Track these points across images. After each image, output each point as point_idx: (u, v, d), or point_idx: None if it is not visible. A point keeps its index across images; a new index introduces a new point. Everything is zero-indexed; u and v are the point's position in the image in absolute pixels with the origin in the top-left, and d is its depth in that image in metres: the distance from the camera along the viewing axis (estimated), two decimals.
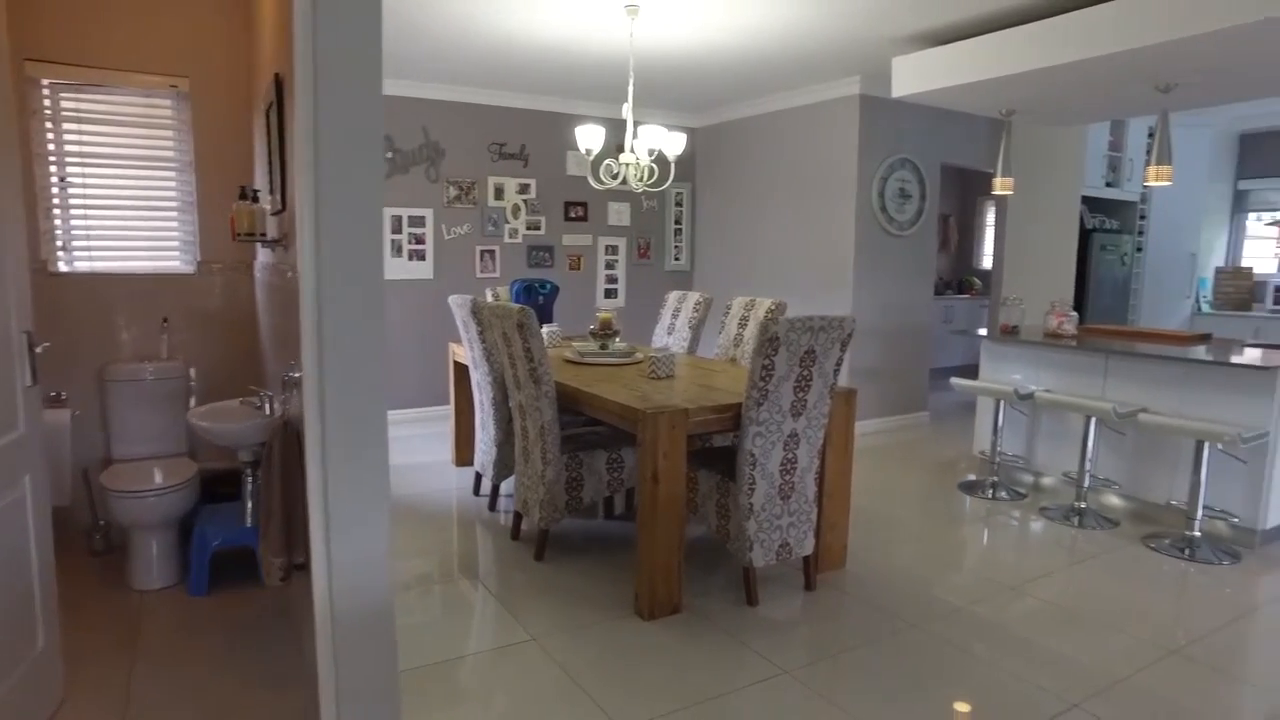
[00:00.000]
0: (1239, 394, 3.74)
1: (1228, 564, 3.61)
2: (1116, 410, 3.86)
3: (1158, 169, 4.26)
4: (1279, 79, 4.21)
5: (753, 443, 2.90)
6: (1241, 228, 7.44)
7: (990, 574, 3.45)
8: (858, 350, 5.86)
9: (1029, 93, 4.48)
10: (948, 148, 6.25)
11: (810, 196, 6.06)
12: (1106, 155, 6.46)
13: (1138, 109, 5.02)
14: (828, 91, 5.80)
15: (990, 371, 4.79)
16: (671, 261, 7.25)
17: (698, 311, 4.47)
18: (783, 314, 3.97)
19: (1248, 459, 3.73)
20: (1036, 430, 4.62)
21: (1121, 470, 4.24)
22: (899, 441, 5.82)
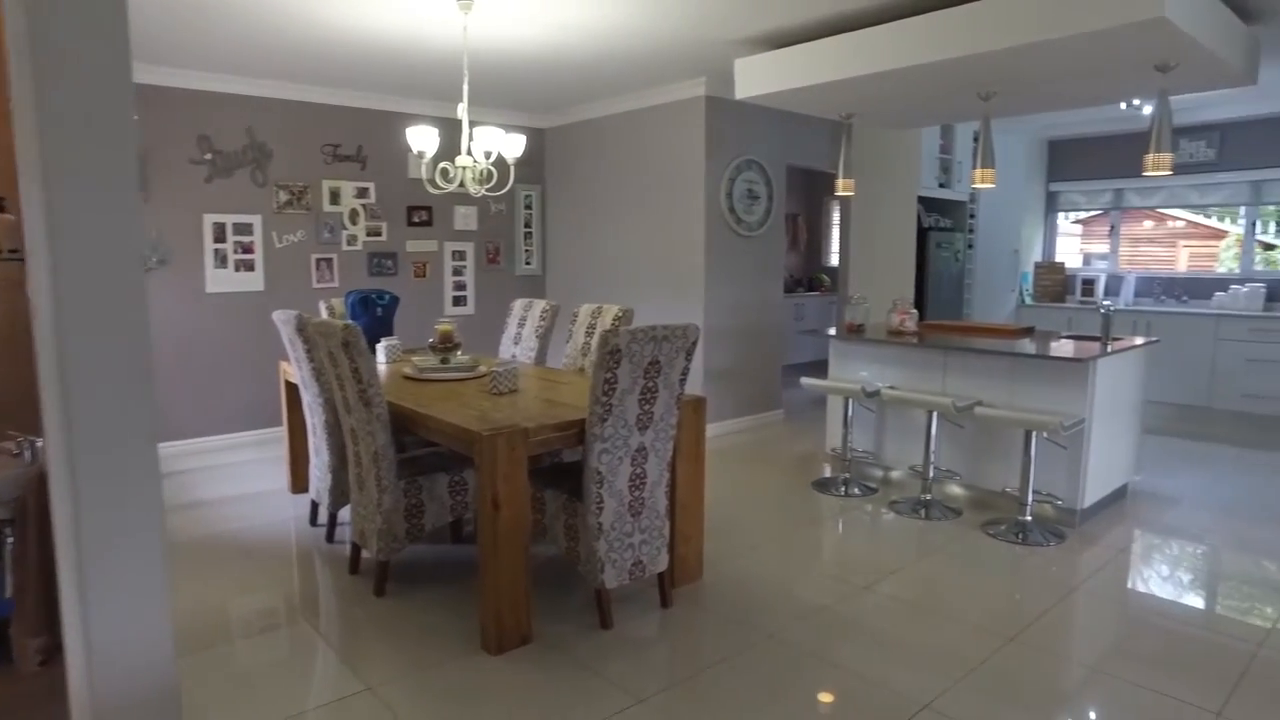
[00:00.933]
0: (1059, 384, 3.94)
1: (1054, 545, 3.80)
2: (955, 405, 3.99)
3: (982, 172, 4.45)
4: (1079, 94, 4.50)
5: (598, 460, 2.77)
6: (1054, 226, 8.01)
7: (845, 573, 3.48)
8: (710, 352, 5.87)
9: (866, 96, 4.58)
10: (793, 149, 6.37)
11: (660, 198, 6.02)
12: (938, 158, 6.77)
13: (964, 115, 5.26)
14: (674, 93, 5.77)
15: (839, 370, 4.89)
16: (522, 266, 7.04)
17: (544, 320, 4.30)
18: (629, 321, 3.87)
19: (1068, 445, 3.94)
20: (884, 426, 4.74)
21: (962, 461, 4.40)
22: (754, 441, 5.87)
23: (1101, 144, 7.52)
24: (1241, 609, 3.20)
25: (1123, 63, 3.75)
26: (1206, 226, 7.36)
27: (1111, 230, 7.70)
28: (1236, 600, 3.29)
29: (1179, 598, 3.30)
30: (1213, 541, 3.95)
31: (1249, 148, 6.75)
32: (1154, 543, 3.91)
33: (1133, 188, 7.44)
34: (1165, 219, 7.50)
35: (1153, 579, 3.48)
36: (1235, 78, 4.14)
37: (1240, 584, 3.46)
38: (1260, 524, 4.14)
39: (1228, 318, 6.46)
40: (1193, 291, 7.11)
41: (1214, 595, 3.36)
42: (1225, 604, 3.26)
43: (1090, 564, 3.59)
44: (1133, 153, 7.25)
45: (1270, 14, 4.06)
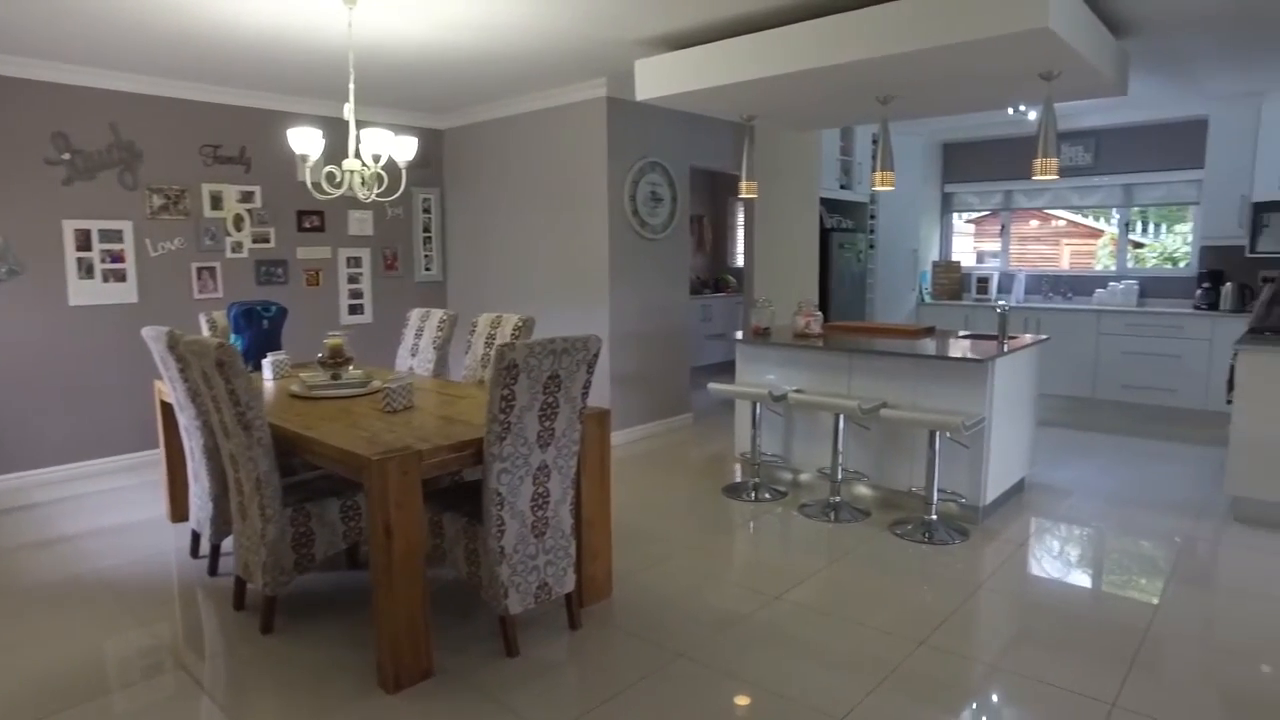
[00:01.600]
0: (960, 384, 4.02)
1: (959, 543, 3.86)
2: (861, 407, 4.01)
3: (882, 175, 4.50)
4: (971, 99, 4.61)
5: (498, 480, 2.63)
6: (950, 226, 8.27)
7: (757, 582, 3.43)
8: (617, 357, 5.78)
9: (766, 98, 4.57)
10: (697, 151, 6.34)
11: (563, 201, 5.89)
12: (839, 159, 6.87)
13: (863, 118, 5.33)
14: (575, 94, 5.65)
15: (746, 373, 4.87)
16: (422, 272, 6.79)
17: (442, 330, 4.12)
18: (529, 331, 3.73)
19: (970, 445, 4.02)
20: (792, 429, 4.75)
21: (869, 462, 4.44)
22: (664, 446, 5.81)
23: (992, 147, 7.80)
24: (1132, 590, 3.31)
25: (1011, 70, 3.84)
26: (1086, 226, 7.73)
27: (1002, 230, 7.99)
28: (1126, 582, 3.40)
29: (1076, 586, 3.39)
30: (1103, 529, 4.09)
31: (1121, 153, 7.11)
32: (1051, 535, 4.02)
33: (1021, 189, 7.74)
34: (1050, 219, 7.84)
35: (1051, 570, 3.57)
36: (1109, 88, 4.31)
37: (1129, 566, 3.59)
38: (1143, 509, 4.32)
39: (1107, 313, 6.78)
40: (1076, 288, 7.45)
41: (1106, 579, 3.46)
42: (1117, 587, 3.37)
43: (993, 560, 3.66)
44: (1020, 156, 7.56)
45: (1136, 29, 4.24)
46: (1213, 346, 6.30)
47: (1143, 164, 7.03)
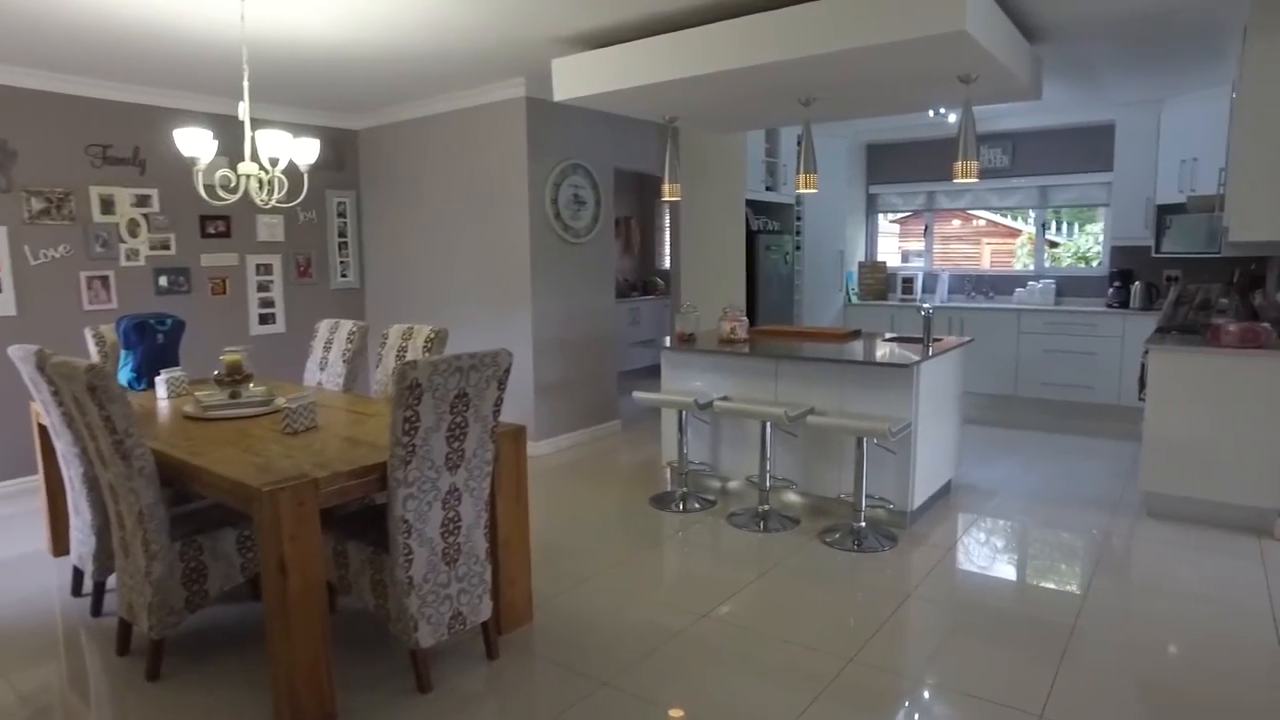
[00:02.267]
0: (887, 388, 3.99)
1: (889, 549, 3.83)
2: (788, 414, 3.94)
3: (805, 177, 4.45)
4: (892, 101, 4.60)
5: (404, 507, 2.46)
6: (875, 226, 8.34)
7: (685, 599, 3.32)
8: (541, 365, 5.62)
9: (688, 99, 4.48)
10: (621, 152, 6.22)
11: (483, 205, 5.70)
12: (764, 161, 6.84)
13: (786, 119, 5.29)
14: (493, 93, 5.47)
15: (672, 380, 4.77)
16: (338, 279, 6.50)
17: (352, 342, 3.90)
18: (442, 343, 3.55)
19: (897, 450, 4.00)
20: (720, 436, 4.66)
21: (798, 469, 4.39)
22: (591, 455, 5.67)
23: (915, 149, 7.89)
24: (1056, 590, 3.32)
25: (929, 73, 3.82)
26: (1005, 225, 7.89)
27: (926, 230, 8.10)
28: (1051, 583, 3.41)
29: (1002, 590, 3.37)
30: (1027, 529, 4.12)
31: (1037, 156, 7.27)
32: (977, 538, 4.02)
33: (943, 190, 7.85)
34: (971, 218, 7.97)
35: (978, 575, 3.56)
36: (1024, 91, 4.35)
37: (1053, 568, 3.60)
38: (1064, 507, 4.38)
39: (1027, 312, 6.92)
40: (998, 288, 7.59)
41: (1031, 582, 3.46)
42: (1042, 588, 3.37)
43: (922, 566, 3.64)
44: (942, 158, 7.64)
45: (1049, 35, 4.29)
46: (1124, 343, 6.48)
47: (1057, 166, 7.21)
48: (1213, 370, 4.04)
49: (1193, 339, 4.35)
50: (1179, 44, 4.65)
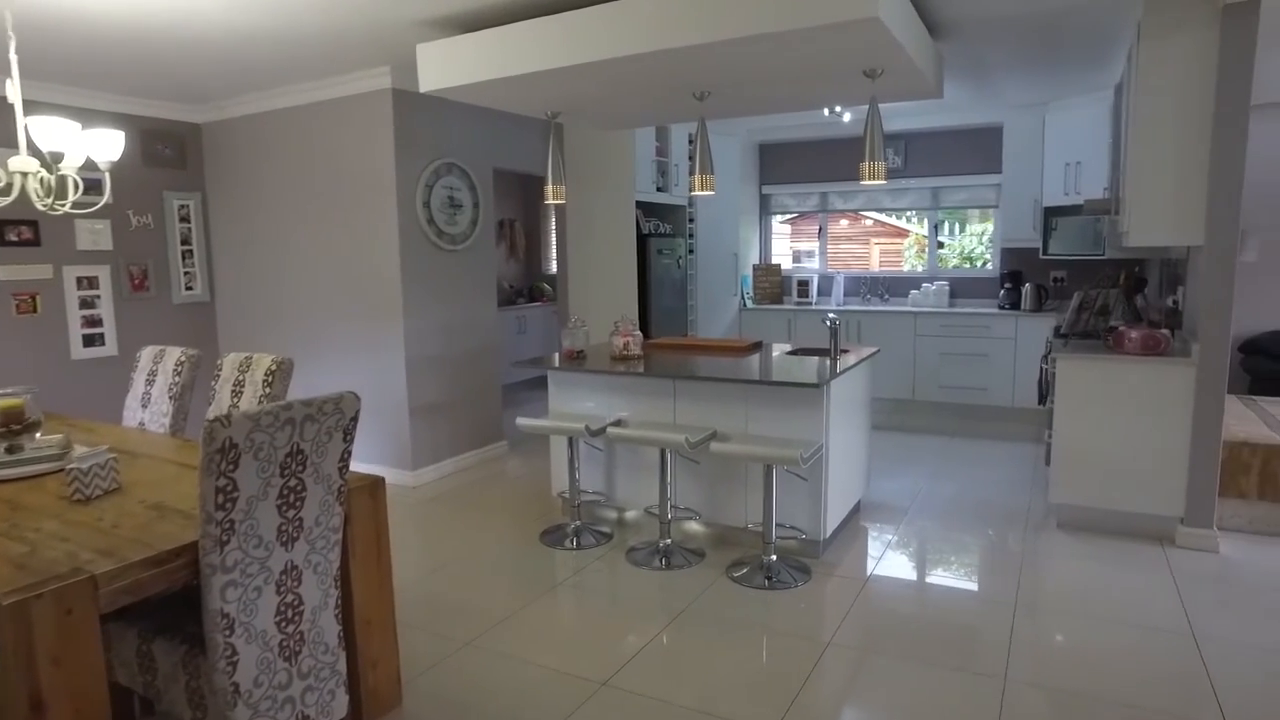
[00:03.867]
0: (795, 408, 3.69)
1: (802, 584, 3.53)
2: (689, 441, 3.58)
3: (702, 178, 4.11)
4: (792, 97, 4.32)
5: (223, 598, 1.93)
6: (769, 228, 8.15)
7: (581, 662, 2.90)
8: (416, 385, 5.08)
9: (570, 93, 4.05)
10: (502, 151, 5.73)
11: (348, 209, 5.10)
12: (655, 160, 6.49)
13: (679, 115, 4.94)
14: (356, 84, 4.88)
15: (560, 402, 4.33)
16: (182, 292, 5.73)
17: (180, 374, 3.28)
18: (287, 375, 3.00)
19: (808, 476, 3.70)
20: (615, 463, 4.26)
21: (701, 497, 4.03)
22: (474, 483, 5.16)
23: (808, 149, 7.72)
24: (982, 619, 3.08)
25: (835, 66, 3.54)
26: (892, 226, 7.84)
27: (820, 232, 7.95)
28: (976, 610, 3.17)
29: (927, 622, 3.11)
30: (942, 550, 3.92)
31: (929, 157, 7.22)
32: (893, 563, 3.78)
33: (837, 191, 7.71)
34: (859, 218, 7.89)
35: (898, 608, 3.29)
36: (928, 89, 4.15)
37: (975, 590, 3.37)
38: (977, 523, 4.21)
39: (923, 315, 6.84)
40: (893, 290, 7.51)
41: (956, 609, 3.21)
42: (968, 618, 3.13)
43: (839, 603, 3.34)
44: (836, 158, 7.53)
45: (950, 32, 4.11)
46: (1017, 345, 6.48)
47: (949, 168, 7.17)
48: (1117, 378, 3.94)
49: (1095, 345, 4.26)
50: (1069, 48, 4.58)
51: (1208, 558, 3.76)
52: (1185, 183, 3.75)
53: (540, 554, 3.97)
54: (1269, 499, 4.05)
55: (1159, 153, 3.78)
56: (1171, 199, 3.78)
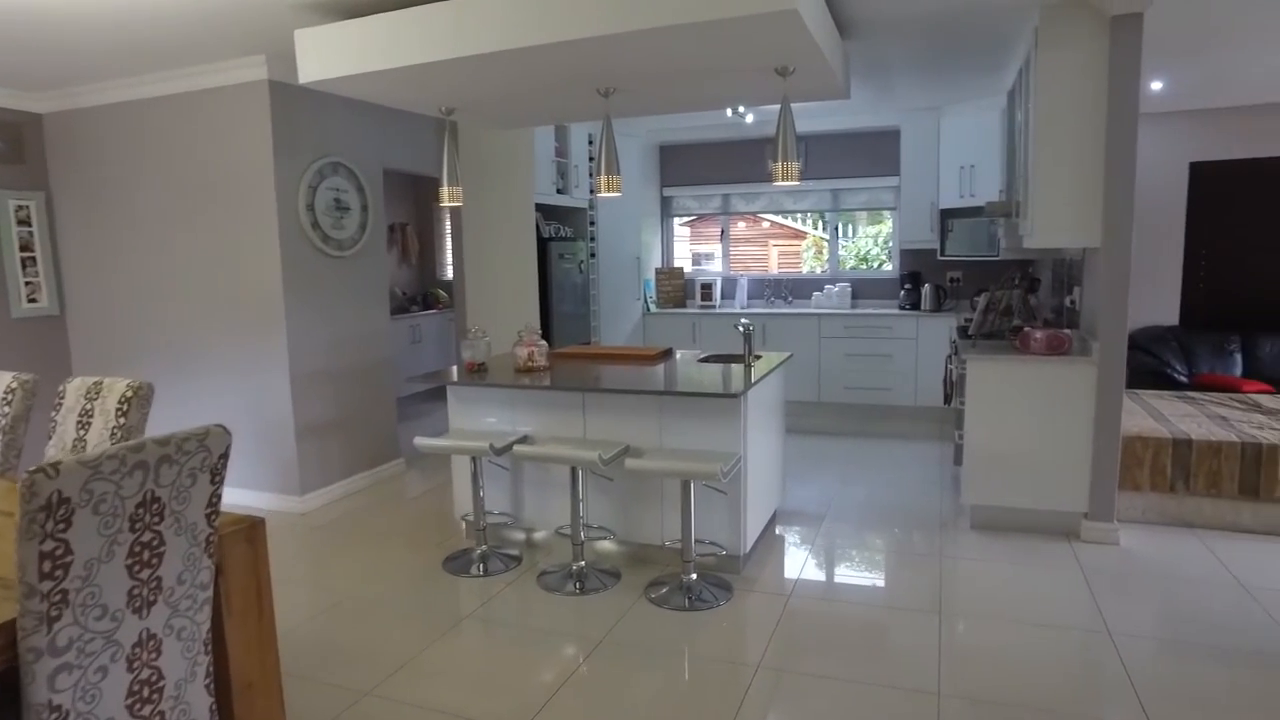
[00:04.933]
0: (711, 419, 3.53)
1: (724, 602, 3.37)
2: (601, 458, 3.37)
3: (607, 179, 3.91)
4: (701, 96, 4.17)
5: (51, 688, 1.59)
6: (671, 231, 8.03)
7: (495, 706, 2.64)
8: (302, 402, 4.68)
9: (463, 87, 3.77)
10: (393, 150, 5.37)
11: (221, 212, 4.64)
12: (554, 161, 6.25)
13: (583, 114, 4.72)
14: (227, 74, 4.44)
15: (461, 418, 4.04)
16: (23, 305, 5.09)
17: (10, 403, 2.83)
18: (145, 402, 2.62)
19: (728, 490, 3.55)
20: (523, 481, 4.01)
21: (615, 515, 3.83)
22: (370, 506, 4.80)
23: (709, 150, 7.64)
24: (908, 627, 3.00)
25: (748, 63, 3.40)
26: (790, 228, 7.86)
27: (722, 234, 7.89)
28: (901, 618, 3.09)
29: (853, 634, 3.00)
30: (862, 556, 3.86)
31: (829, 159, 7.25)
32: (815, 574, 3.68)
33: (739, 193, 7.66)
34: (757, 220, 7.87)
35: (823, 621, 3.17)
36: (837, 89, 4.08)
37: (898, 597, 3.30)
38: (893, 526, 4.17)
39: (827, 316, 6.86)
40: (796, 292, 7.51)
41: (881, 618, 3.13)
42: (894, 628, 3.04)
43: (763, 621, 3.20)
44: (738, 159, 7.47)
45: (857, 31, 4.06)
46: (918, 345, 6.57)
47: (848, 170, 7.22)
48: (1024, 378, 3.97)
49: (1002, 345, 4.30)
50: (966, 53, 4.63)
51: (1110, 550, 3.83)
52: (1082, 187, 3.81)
53: (444, 583, 3.67)
54: (1160, 490, 4.18)
55: (1058, 158, 3.83)
56: (1070, 203, 3.84)
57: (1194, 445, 4.11)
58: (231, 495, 4.79)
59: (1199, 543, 3.94)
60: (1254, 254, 6.24)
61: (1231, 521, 4.11)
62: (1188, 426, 4.31)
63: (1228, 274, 6.33)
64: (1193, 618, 3.16)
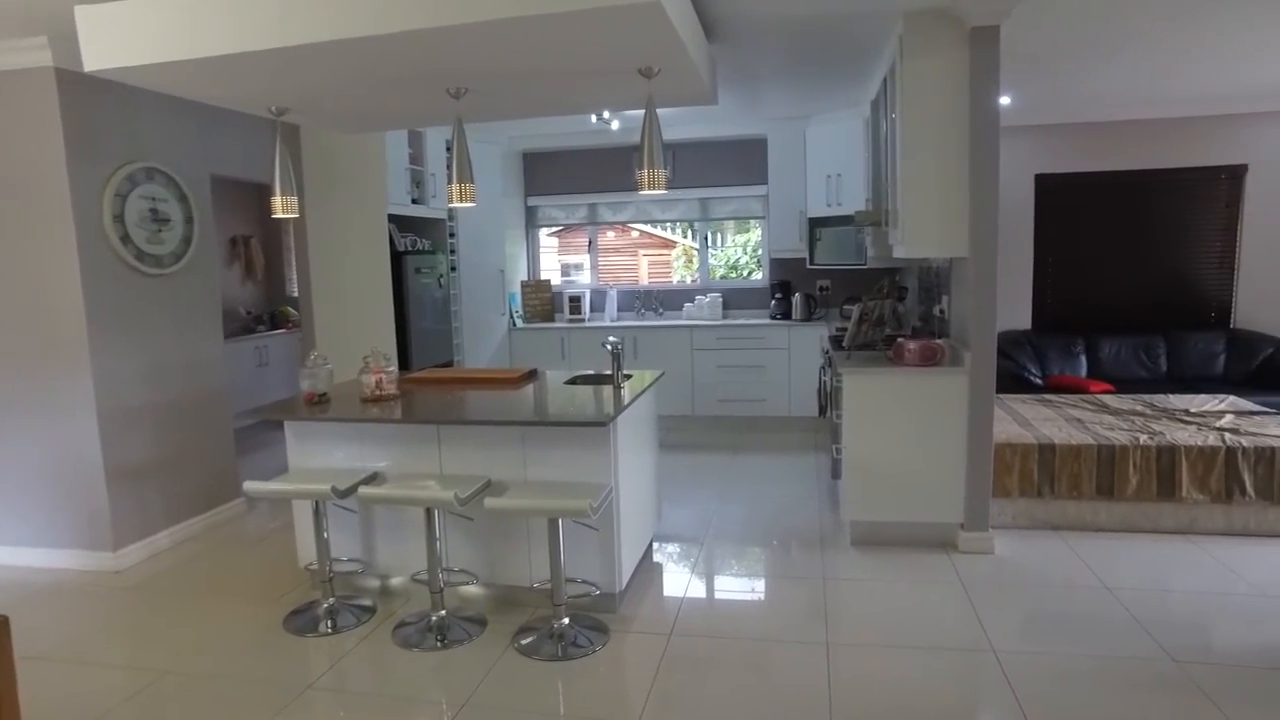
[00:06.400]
0: (579, 447, 3.25)
1: (600, 647, 3.10)
2: (458, 496, 3.03)
3: (461, 187, 3.57)
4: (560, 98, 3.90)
5: None
6: (536, 242, 7.71)
7: None
8: (115, 443, 4.08)
9: (292, 84, 3.34)
10: (222, 154, 4.82)
11: (3, 226, 3.97)
12: (409, 169, 5.82)
13: (433, 117, 4.36)
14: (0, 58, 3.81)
15: (302, 456, 3.59)
16: None
17: None
18: None
19: (600, 526, 3.28)
20: (374, 523, 3.60)
21: (478, 557, 3.48)
22: (202, 557, 4.23)
23: (575, 157, 7.38)
24: (797, 663, 2.82)
25: (609, 62, 3.16)
26: (659, 237, 7.73)
27: (590, 245, 7.64)
28: (788, 652, 2.91)
29: (740, 671, 2.79)
30: (744, 583, 3.70)
31: (697, 168, 7.14)
32: (696, 605, 3.46)
33: (606, 202, 7.43)
34: (626, 231, 7.69)
35: (708, 658, 2.95)
36: (704, 93, 3.90)
37: (783, 625, 3.12)
38: (773, 546, 4.03)
39: (699, 328, 6.73)
40: (666, 303, 7.35)
41: (768, 649, 2.93)
42: (781, 663, 2.85)
43: (643, 666, 2.95)
44: (604, 167, 7.25)
45: (723, 34, 3.91)
46: (790, 355, 6.54)
47: (716, 179, 7.14)
48: (900, 390, 3.92)
49: (876, 357, 4.25)
50: (833, 60, 4.59)
51: (986, 560, 3.83)
52: (949, 197, 3.80)
53: (287, 645, 3.22)
54: (1028, 495, 4.23)
55: (924, 168, 3.81)
56: (939, 213, 3.82)
57: (1057, 450, 4.18)
58: (22, 557, 4.13)
59: (1064, 545, 4.00)
60: (1094, 261, 6.58)
61: (1091, 521, 4.21)
62: (1050, 431, 4.39)
63: (1072, 280, 6.64)
64: (1066, 624, 3.18)
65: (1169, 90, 5.68)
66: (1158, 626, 3.12)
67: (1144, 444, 4.14)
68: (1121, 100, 5.97)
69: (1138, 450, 4.12)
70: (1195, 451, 4.09)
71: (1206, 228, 6.45)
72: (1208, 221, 6.45)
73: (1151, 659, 2.89)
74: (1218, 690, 2.66)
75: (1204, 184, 6.41)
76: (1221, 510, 4.11)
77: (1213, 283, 6.50)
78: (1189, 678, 2.75)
